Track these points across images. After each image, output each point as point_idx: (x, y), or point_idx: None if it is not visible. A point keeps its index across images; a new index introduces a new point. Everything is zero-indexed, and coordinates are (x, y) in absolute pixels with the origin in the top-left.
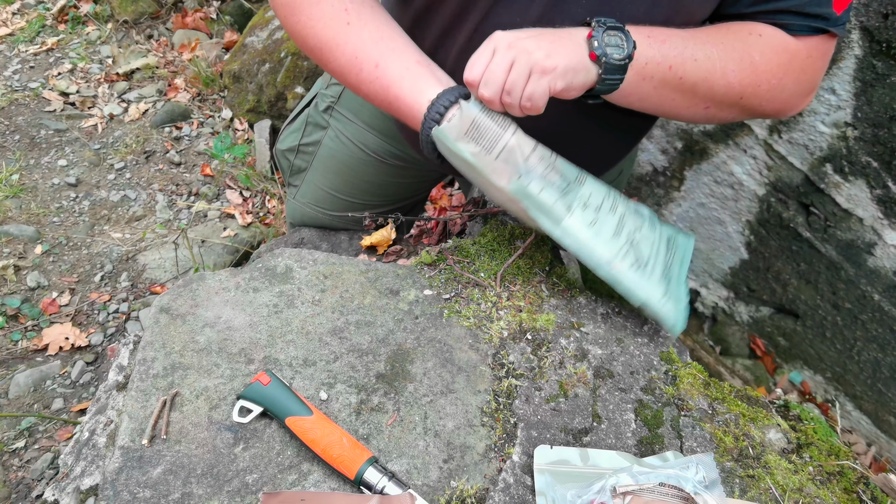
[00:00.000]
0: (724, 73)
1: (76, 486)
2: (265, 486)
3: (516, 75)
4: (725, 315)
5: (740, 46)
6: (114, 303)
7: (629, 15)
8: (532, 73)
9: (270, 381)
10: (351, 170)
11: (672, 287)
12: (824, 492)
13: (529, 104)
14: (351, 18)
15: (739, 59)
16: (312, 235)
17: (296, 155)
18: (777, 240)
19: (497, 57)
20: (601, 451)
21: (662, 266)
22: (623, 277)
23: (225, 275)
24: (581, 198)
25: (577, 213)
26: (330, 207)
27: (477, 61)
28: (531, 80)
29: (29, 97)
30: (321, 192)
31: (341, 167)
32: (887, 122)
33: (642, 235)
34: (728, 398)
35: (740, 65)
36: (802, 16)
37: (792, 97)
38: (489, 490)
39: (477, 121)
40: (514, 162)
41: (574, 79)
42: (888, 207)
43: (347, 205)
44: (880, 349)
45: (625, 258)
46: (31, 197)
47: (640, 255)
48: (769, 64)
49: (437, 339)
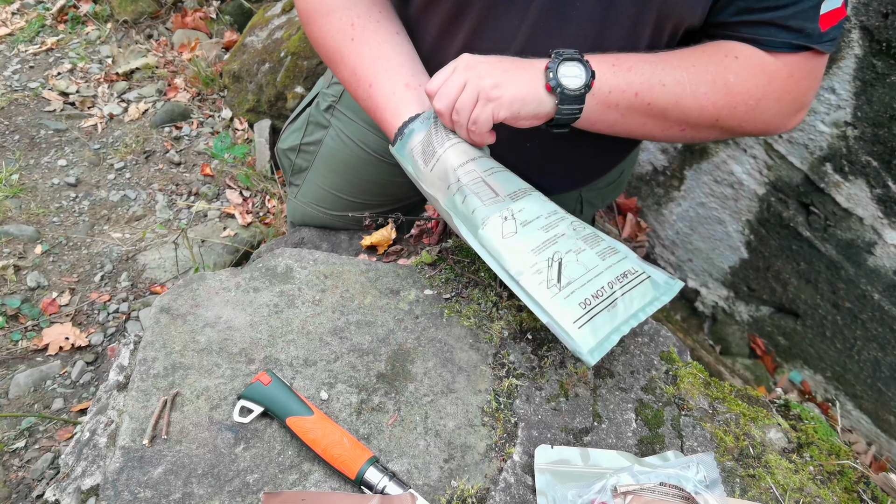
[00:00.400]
0: (695, 96)
1: (77, 487)
2: (266, 486)
3: (466, 97)
4: (725, 314)
5: (714, 69)
6: (114, 303)
7: (620, 18)
8: (479, 99)
9: (271, 380)
10: (352, 169)
11: (600, 318)
12: (825, 491)
13: (475, 128)
14: (356, 34)
15: (713, 82)
16: (312, 235)
17: (297, 154)
18: (777, 239)
19: (454, 75)
20: (602, 451)
21: (592, 293)
22: (531, 291)
23: (225, 275)
24: (507, 210)
25: (496, 224)
26: (331, 207)
27: (438, 74)
28: (477, 105)
29: (28, 97)
30: (322, 191)
31: (342, 166)
32: (887, 121)
33: (578, 259)
34: (728, 398)
35: (713, 87)
36: (785, 30)
37: (775, 117)
38: (490, 490)
39: (424, 138)
40: (444, 176)
41: (522, 109)
42: (888, 207)
43: (348, 204)
44: (880, 348)
45: (537, 274)
46: (31, 197)
47: (563, 276)
48: (745, 85)
49: (438, 339)
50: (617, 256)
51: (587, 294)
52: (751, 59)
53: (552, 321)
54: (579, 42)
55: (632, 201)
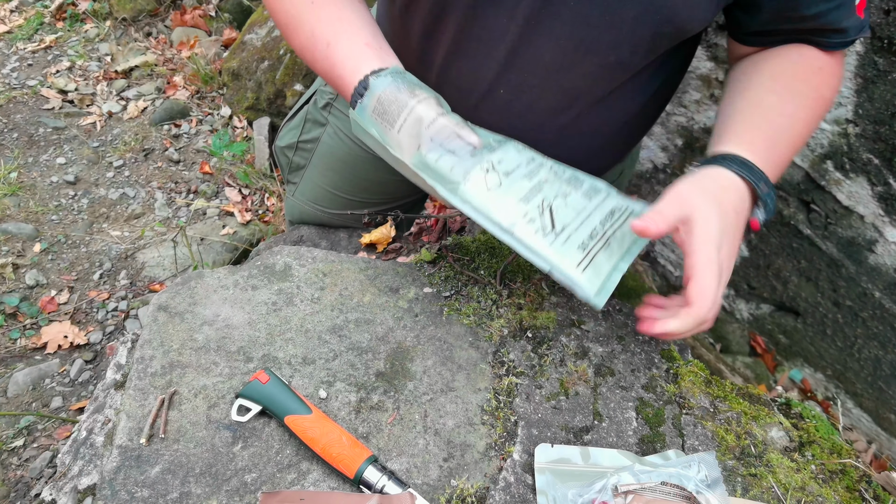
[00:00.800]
0: (808, 125)
1: (74, 486)
2: (264, 486)
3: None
4: (726, 312)
5: (812, 94)
6: (113, 301)
7: (616, 20)
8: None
9: (269, 379)
10: (349, 167)
11: (599, 258)
12: (826, 490)
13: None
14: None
15: (814, 107)
16: (311, 233)
17: (294, 152)
18: (777, 237)
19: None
20: (602, 450)
21: (587, 235)
22: (527, 241)
23: (223, 273)
24: (487, 162)
25: (478, 178)
26: (329, 205)
27: (707, 288)
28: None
29: (27, 95)
30: (320, 189)
31: (340, 164)
32: (889, 118)
33: (567, 203)
34: (730, 396)
35: (817, 111)
36: (839, 33)
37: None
38: (490, 489)
39: (383, 96)
40: (415, 133)
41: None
42: (889, 204)
43: (346, 202)
44: (881, 347)
45: (531, 223)
46: (30, 195)
47: (556, 221)
48: (833, 91)
49: (437, 337)
50: (601, 195)
51: (583, 236)
52: (826, 66)
53: (555, 268)
54: (573, 43)
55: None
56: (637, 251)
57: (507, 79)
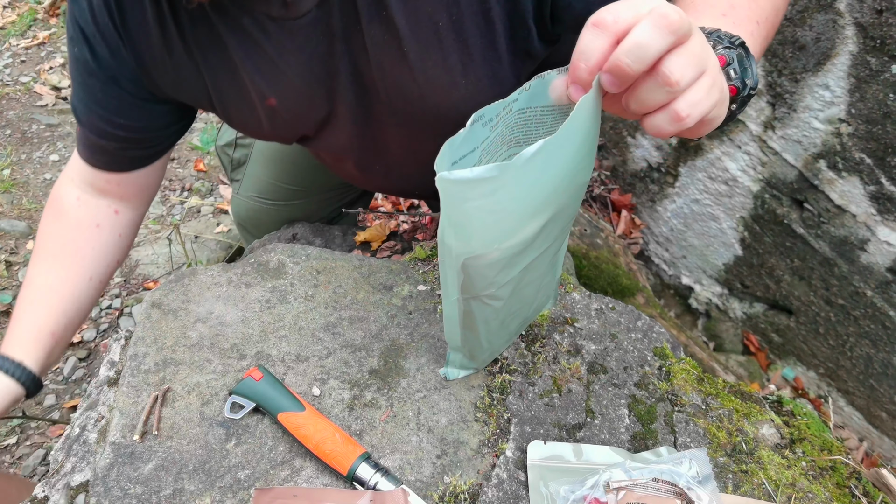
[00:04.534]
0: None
1: (67, 483)
2: (257, 482)
3: (691, 62)
4: (719, 311)
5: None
6: (106, 298)
7: (417, 121)
8: (708, 75)
9: (262, 376)
10: (287, 156)
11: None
12: (817, 486)
13: (684, 119)
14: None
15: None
16: (305, 231)
17: (234, 149)
18: (771, 236)
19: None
20: (595, 447)
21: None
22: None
23: (217, 270)
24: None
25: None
26: (273, 197)
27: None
28: (704, 81)
29: (20, 91)
30: (263, 182)
31: (277, 155)
32: (881, 118)
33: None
34: (722, 394)
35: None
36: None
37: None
38: (482, 485)
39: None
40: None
41: (721, 114)
42: (881, 204)
43: (290, 192)
44: (872, 345)
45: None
46: (23, 192)
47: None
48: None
49: (431, 335)
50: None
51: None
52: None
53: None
54: (407, 140)
55: (626, 198)
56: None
57: (379, 159)
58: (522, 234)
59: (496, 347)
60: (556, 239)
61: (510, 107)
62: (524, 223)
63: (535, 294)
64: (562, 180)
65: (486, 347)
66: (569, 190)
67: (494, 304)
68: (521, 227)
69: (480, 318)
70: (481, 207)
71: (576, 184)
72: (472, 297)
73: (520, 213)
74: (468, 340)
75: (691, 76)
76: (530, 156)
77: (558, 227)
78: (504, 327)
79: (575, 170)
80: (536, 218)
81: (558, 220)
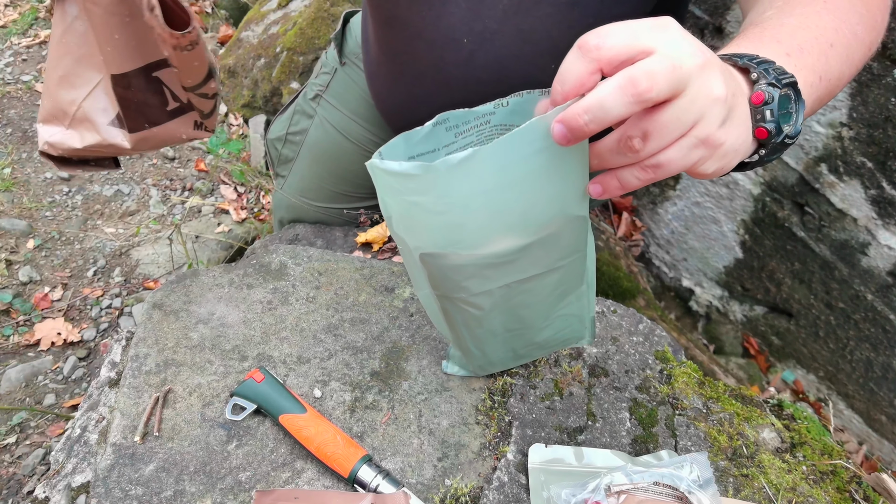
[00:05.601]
0: (854, 35)
1: (67, 483)
2: (258, 484)
3: (673, 118)
4: (719, 314)
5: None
6: (107, 298)
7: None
8: (692, 135)
9: (264, 378)
10: (334, 159)
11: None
12: (817, 491)
13: (641, 176)
14: None
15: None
16: (307, 232)
17: (283, 144)
18: (771, 239)
19: (662, 60)
20: (596, 450)
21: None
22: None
23: (218, 271)
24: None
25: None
26: (315, 198)
27: (619, 30)
28: (683, 143)
29: (21, 90)
30: (307, 181)
31: (325, 156)
32: (882, 122)
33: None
34: (722, 397)
35: (861, 15)
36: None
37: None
38: (483, 488)
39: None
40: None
41: (729, 164)
42: (882, 208)
43: (333, 195)
44: (872, 349)
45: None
46: (24, 191)
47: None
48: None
49: (432, 337)
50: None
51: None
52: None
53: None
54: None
55: (627, 200)
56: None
57: (471, 27)
58: (490, 249)
59: (492, 360)
60: (555, 271)
61: (487, 119)
62: (487, 236)
63: (544, 321)
64: (534, 203)
65: (478, 355)
66: (550, 216)
67: (473, 312)
68: (485, 239)
69: (460, 321)
70: (418, 204)
71: (565, 214)
72: (442, 295)
73: (478, 224)
74: (455, 339)
75: (658, 143)
76: (457, 162)
77: (551, 258)
78: (499, 341)
79: (551, 195)
80: (508, 235)
81: (550, 249)
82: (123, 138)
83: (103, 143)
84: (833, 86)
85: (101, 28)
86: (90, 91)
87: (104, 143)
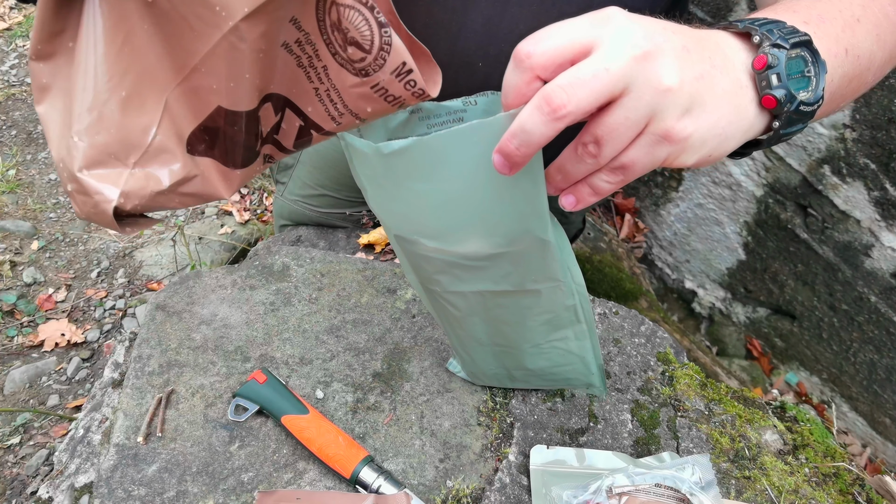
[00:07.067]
0: (886, 16)
1: (70, 484)
2: (261, 485)
3: (622, 119)
4: (722, 316)
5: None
6: (110, 299)
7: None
8: (649, 132)
9: (266, 379)
10: (333, 165)
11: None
12: (820, 493)
13: (610, 180)
14: None
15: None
16: (310, 233)
17: None
18: (774, 241)
19: (602, 58)
20: (597, 452)
21: None
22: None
23: (221, 272)
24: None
25: None
26: (316, 204)
27: (559, 31)
28: (641, 142)
29: (26, 92)
30: (308, 187)
31: (324, 162)
32: (885, 124)
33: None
34: (725, 399)
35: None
36: None
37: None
38: (485, 490)
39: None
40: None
41: (719, 148)
42: (885, 209)
43: (333, 201)
44: (876, 351)
45: None
46: (28, 192)
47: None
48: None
49: (434, 339)
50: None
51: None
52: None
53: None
54: (545, 6)
55: (630, 202)
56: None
57: (486, 51)
58: (456, 247)
59: (485, 370)
60: (528, 293)
61: (459, 116)
62: (445, 229)
63: (532, 346)
64: (490, 209)
65: (467, 359)
66: (512, 229)
67: (451, 310)
68: (438, 231)
69: (443, 316)
70: (371, 180)
71: (529, 232)
72: (421, 284)
73: (427, 213)
74: (445, 333)
75: (615, 146)
76: (397, 148)
77: (520, 277)
78: (487, 352)
79: (508, 205)
80: (471, 237)
81: (518, 266)
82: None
83: (190, 176)
84: (864, 65)
85: (240, 65)
86: (161, 113)
87: (192, 176)
